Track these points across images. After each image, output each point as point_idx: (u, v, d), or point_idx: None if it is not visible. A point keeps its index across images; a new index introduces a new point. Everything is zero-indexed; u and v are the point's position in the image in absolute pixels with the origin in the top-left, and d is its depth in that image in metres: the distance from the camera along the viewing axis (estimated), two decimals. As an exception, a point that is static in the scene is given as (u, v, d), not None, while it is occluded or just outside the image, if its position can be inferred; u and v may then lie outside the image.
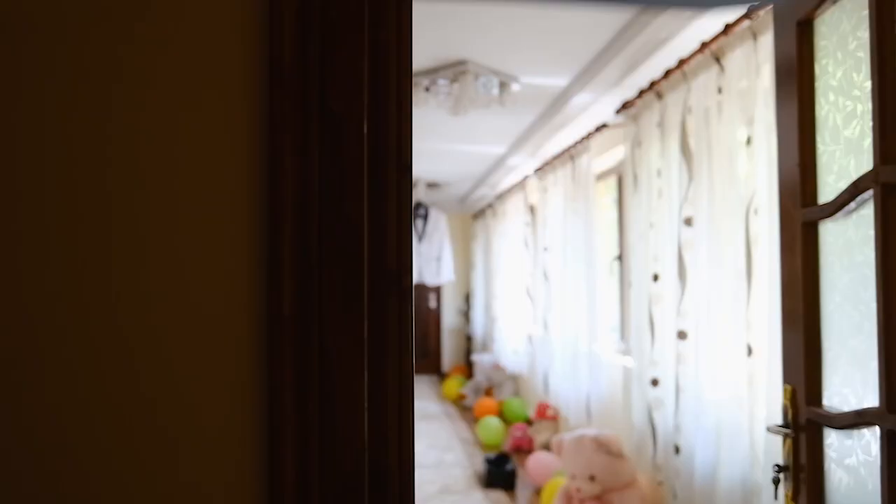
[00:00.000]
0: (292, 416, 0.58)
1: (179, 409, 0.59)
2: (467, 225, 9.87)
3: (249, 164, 0.60)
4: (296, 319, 0.58)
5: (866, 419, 1.30)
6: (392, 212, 0.63)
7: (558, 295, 4.69)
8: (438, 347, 9.88)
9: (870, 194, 1.28)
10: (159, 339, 0.59)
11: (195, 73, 0.60)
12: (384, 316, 0.63)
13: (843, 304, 1.43)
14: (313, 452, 0.58)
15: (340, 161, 0.59)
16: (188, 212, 0.60)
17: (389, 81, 0.63)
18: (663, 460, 2.89)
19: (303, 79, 0.59)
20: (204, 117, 0.59)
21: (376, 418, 0.62)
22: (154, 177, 0.60)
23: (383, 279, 0.63)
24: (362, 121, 0.60)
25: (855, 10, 1.35)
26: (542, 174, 5.20)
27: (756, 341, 2.24)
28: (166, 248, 0.60)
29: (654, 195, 2.95)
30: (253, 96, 0.60)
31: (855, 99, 1.36)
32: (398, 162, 0.64)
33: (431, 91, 3.55)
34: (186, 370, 0.59)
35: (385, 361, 0.63)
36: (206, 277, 0.60)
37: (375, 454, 0.62)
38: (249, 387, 0.59)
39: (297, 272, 0.59)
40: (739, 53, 2.28)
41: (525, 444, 5.53)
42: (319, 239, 0.59)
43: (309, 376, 0.58)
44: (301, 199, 0.59)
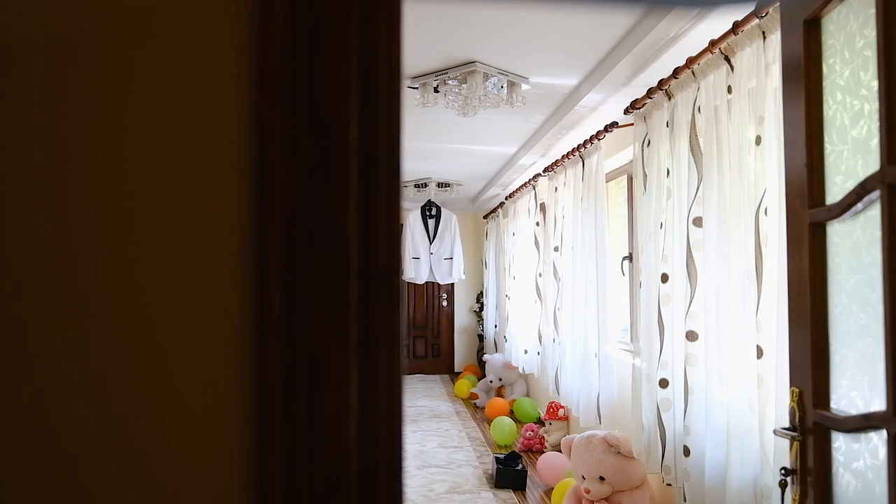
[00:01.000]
0: (280, 416, 0.58)
1: (168, 409, 0.60)
2: (479, 224, 9.87)
3: (238, 168, 0.60)
4: (284, 321, 0.59)
5: (873, 423, 1.29)
6: (382, 214, 0.63)
7: (569, 295, 4.68)
8: (451, 346, 9.89)
9: (876, 195, 1.26)
10: (152, 338, 0.60)
11: (184, 76, 0.60)
12: (373, 317, 0.63)
13: (850, 305, 1.41)
14: (301, 452, 0.58)
15: (328, 165, 0.59)
16: (178, 214, 0.60)
17: (379, 84, 0.63)
18: (672, 462, 2.87)
19: (291, 83, 0.59)
20: (192, 121, 0.60)
21: (365, 419, 0.62)
22: (143, 180, 0.60)
23: (372, 281, 0.63)
24: (349, 125, 0.60)
25: (862, 9, 1.33)
26: (552, 174, 5.18)
27: (766, 343, 2.22)
28: (158, 249, 0.60)
29: (663, 195, 2.94)
30: (242, 100, 0.60)
31: (862, 98, 1.34)
32: (388, 165, 0.64)
33: (441, 92, 3.55)
34: (172, 371, 0.59)
35: (374, 362, 0.63)
36: (196, 279, 0.60)
37: (364, 454, 0.62)
38: (237, 388, 0.59)
39: (286, 275, 0.59)
40: (749, 52, 2.26)
41: (536, 444, 5.52)
42: (307, 242, 0.59)
43: (297, 377, 0.59)
44: (289, 202, 0.59)
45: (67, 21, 0.60)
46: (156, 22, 0.61)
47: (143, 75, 0.60)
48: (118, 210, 0.61)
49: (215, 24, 0.60)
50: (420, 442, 5.91)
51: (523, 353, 6.39)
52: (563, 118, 4.08)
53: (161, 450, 0.59)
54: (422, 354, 9.86)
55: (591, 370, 4.28)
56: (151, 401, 0.59)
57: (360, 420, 0.62)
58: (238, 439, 0.59)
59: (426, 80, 3.50)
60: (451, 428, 6.46)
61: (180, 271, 0.60)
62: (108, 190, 0.61)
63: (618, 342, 4.53)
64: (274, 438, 0.58)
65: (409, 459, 5.36)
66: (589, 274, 4.23)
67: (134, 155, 0.60)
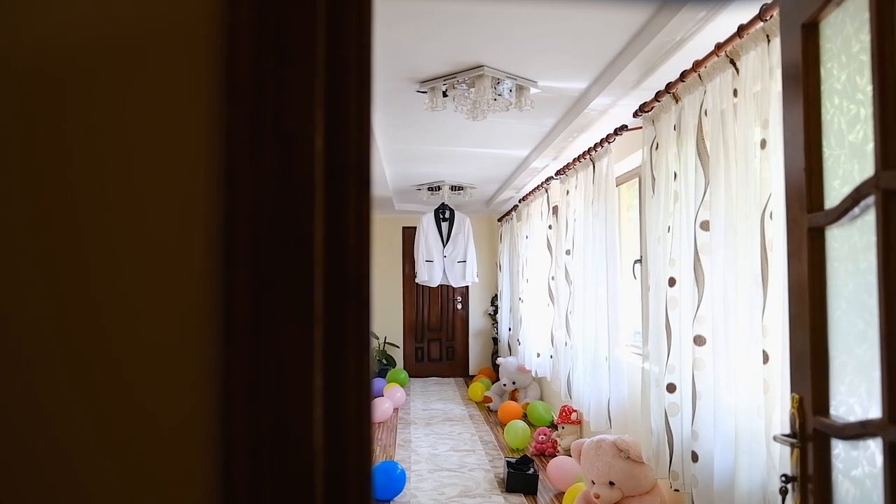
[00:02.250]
0: (245, 422, 0.60)
1: (134, 413, 0.61)
2: (493, 227, 9.87)
3: (207, 182, 0.62)
4: (249, 328, 0.60)
5: (870, 430, 1.28)
6: (351, 223, 0.64)
7: (580, 298, 4.67)
8: (465, 350, 9.89)
9: (872, 200, 1.25)
10: (119, 342, 0.62)
11: (152, 90, 0.62)
12: (342, 324, 0.64)
13: (848, 311, 1.40)
14: (266, 457, 0.60)
15: (293, 176, 0.61)
16: (149, 224, 0.62)
17: (349, 96, 0.64)
18: (680, 467, 2.85)
19: (256, 97, 0.60)
20: (161, 136, 0.62)
21: (334, 424, 0.63)
22: (116, 190, 0.62)
23: (341, 289, 0.64)
24: (314, 137, 0.61)
25: (857, 13, 1.32)
26: (564, 177, 5.17)
27: (771, 348, 2.20)
28: (130, 256, 0.62)
29: (671, 199, 2.92)
30: (210, 114, 0.62)
31: (858, 103, 1.33)
32: (357, 175, 0.65)
33: (450, 96, 3.57)
34: (140, 377, 0.61)
35: (343, 368, 0.64)
36: (164, 289, 0.62)
37: (333, 459, 0.63)
38: (204, 395, 0.61)
39: (251, 283, 0.60)
40: (753, 55, 2.25)
41: (549, 448, 5.50)
42: (272, 251, 0.60)
43: (262, 384, 0.60)
44: (254, 213, 0.60)
45: (43, 39, 0.62)
46: (128, 38, 0.62)
47: (113, 89, 0.62)
48: (94, 223, 0.63)
49: (184, 40, 0.62)
50: (433, 445, 5.92)
51: (536, 356, 6.38)
52: (573, 121, 4.08)
53: (127, 457, 0.61)
54: (436, 357, 9.87)
55: (601, 374, 4.26)
56: (119, 404, 0.61)
57: (328, 425, 0.63)
58: (204, 445, 0.60)
59: (435, 85, 3.51)
60: (464, 431, 6.46)
61: (148, 279, 0.61)
62: (86, 202, 0.63)
63: (631, 346, 4.51)
64: (239, 444, 0.60)
65: (421, 463, 5.37)
66: (599, 277, 4.22)
67: (109, 171, 0.62)
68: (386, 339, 9.63)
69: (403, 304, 9.80)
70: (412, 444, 6.00)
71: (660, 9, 2.54)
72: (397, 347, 9.72)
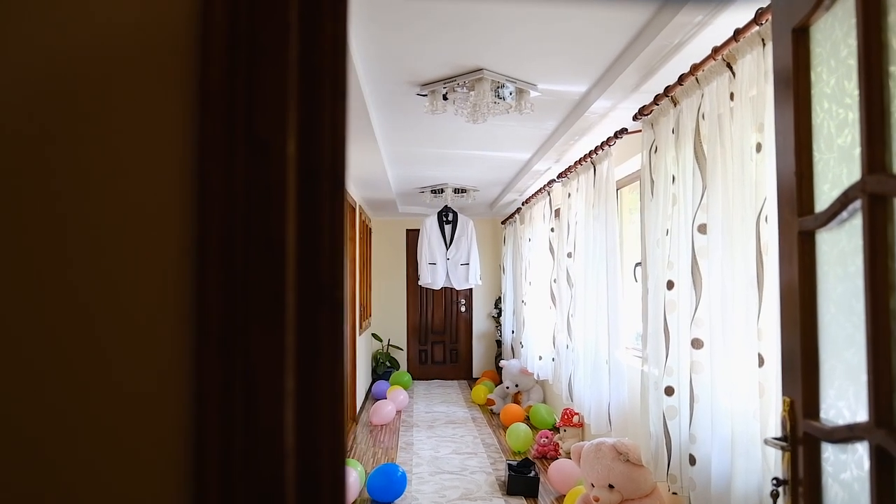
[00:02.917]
0: (216, 423, 0.61)
1: (108, 417, 0.62)
2: (497, 230, 9.88)
3: (182, 187, 0.63)
4: (221, 332, 0.61)
5: (856, 433, 1.28)
6: (325, 228, 0.66)
7: (581, 301, 4.67)
8: (469, 352, 9.89)
9: (859, 204, 1.25)
10: (94, 344, 0.63)
11: (129, 101, 0.63)
12: (315, 328, 0.65)
13: (837, 315, 1.40)
14: (236, 458, 0.61)
15: (265, 181, 0.62)
16: (124, 228, 0.63)
17: (323, 102, 0.66)
18: (678, 470, 2.85)
19: (229, 104, 0.62)
20: (137, 143, 0.63)
21: (306, 426, 0.64)
22: (92, 195, 0.63)
23: (315, 293, 0.65)
24: (286, 143, 0.62)
25: (846, 18, 1.33)
26: (566, 179, 5.18)
27: (767, 351, 2.20)
28: (106, 261, 0.64)
29: (669, 202, 2.93)
30: (184, 123, 0.63)
31: (846, 107, 1.34)
32: (331, 180, 0.66)
33: (450, 99, 3.58)
34: (113, 381, 0.62)
35: (316, 371, 0.65)
36: (137, 293, 0.63)
37: (306, 460, 0.64)
38: (176, 396, 0.62)
39: (223, 288, 0.62)
40: (749, 59, 2.25)
41: (550, 451, 5.50)
42: (244, 256, 0.62)
43: (233, 386, 0.61)
44: (227, 218, 0.61)
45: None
46: (108, 49, 0.64)
47: (93, 99, 0.64)
48: (72, 225, 0.64)
49: (159, 50, 0.63)
50: (434, 448, 5.93)
51: (538, 359, 6.38)
52: (574, 124, 4.08)
53: (103, 458, 0.62)
54: (440, 360, 9.88)
55: (601, 377, 4.26)
56: (92, 405, 0.62)
57: (301, 427, 0.64)
58: (176, 446, 0.62)
59: (435, 88, 3.53)
60: (466, 434, 6.46)
61: (122, 282, 0.63)
62: (65, 207, 0.64)
63: (632, 349, 4.50)
64: (210, 445, 0.61)
65: (423, 465, 5.38)
66: (600, 280, 4.22)
67: (86, 177, 0.63)
68: (390, 342, 9.64)
69: (407, 307, 9.81)
70: (414, 446, 6.01)
71: (658, 12, 2.55)
72: (401, 350, 9.73)
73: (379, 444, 6.12)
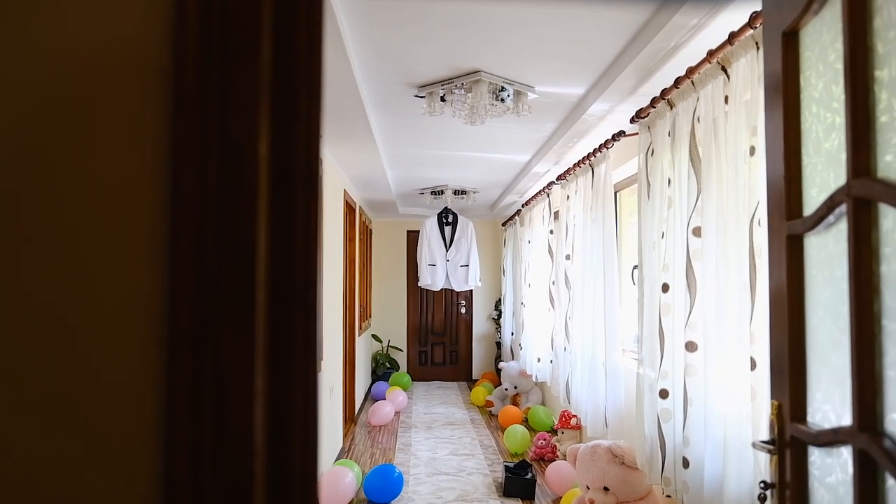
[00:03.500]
0: (186, 422, 0.61)
1: (80, 415, 0.63)
2: (498, 231, 9.88)
3: (156, 189, 0.64)
4: (192, 332, 0.62)
5: (841, 437, 1.28)
6: (299, 230, 0.66)
7: (579, 303, 4.67)
8: (469, 354, 9.89)
9: (844, 208, 1.26)
10: (69, 341, 0.64)
11: (103, 101, 0.64)
12: (288, 329, 0.66)
13: (824, 318, 1.40)
14: (206, 456, 0.61)
15: (237, 182, 0.62)
16: (100, 229, 0.64)
17: (298, 104, 0.66)
18: (672, 473, 2.85)
19: (202, 106, 0.62)
20: (112, 144, 0.64)
21: (278, 426, 0.65)
22: (66, 196, 0.64)
23: (288, 294, 0.66)
24: (258, 143, 0.63)
25: (833, 22, 1.33)
26: (565, 182, 5.18)
27: (759, 354, 2.21)
28: (80, 263, 0.64)
29: (665, 204, 2.93)
30: (159, 123, 0.64)
31: (834, 111, 1.34)
32: (305, 182, 0.67)
33: (447, 101, 3.59)
34: (85, 379, 0.63)
35: (289, 372, 0.66)
36: (113, 288, 0.64)
37: (277, 460, 0.65)
38: (150, 394, 0.63)
39: (195, 288, 0.62)
40: (744, 62, 2.25)
41: (548, 453, 5.50)
42: (216, 257, 0.62)
43: (203, 386, 0.62)
44: (199, 219, 0.62)
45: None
46: (88, 55, 0.65)
47: (73, 103, 0.64)
48: (45, 229, 0.65)
49: (134, 54, 0.64)
50: (432, 449, 5.93)
51: (537, 361, 6.38)
52: (572, 126, 4.09)
53: (77, 454, 0.62)
54: (440, 361, 9.88)
55: (598, 379, 4.26)
56: (66, 401, 0.63)
57: (272, 427, 0.65)
58: (148, 441, 0.62)
59: (433, 89, 3.53)
60: (464, 435, 6.46)
61: (96, 281, 0.63)
62: (35, 209, 0.65)
63: (630, 352, 4.50)
64: (180, 442, 0.61)
65: (420, 466, 5.38)
66: (597, 283, 4.22)
67: (59, 180, 0.64)
68: (389, 343, 9.65)
69: (407, 308, 9.81)
70: (412, 447, 6.01)
71: (654, 14, 2.55)
72: (401, 351, 9.74)
73: (377, 445, 6.13)
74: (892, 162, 1.14)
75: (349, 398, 6.68)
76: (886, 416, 1.16)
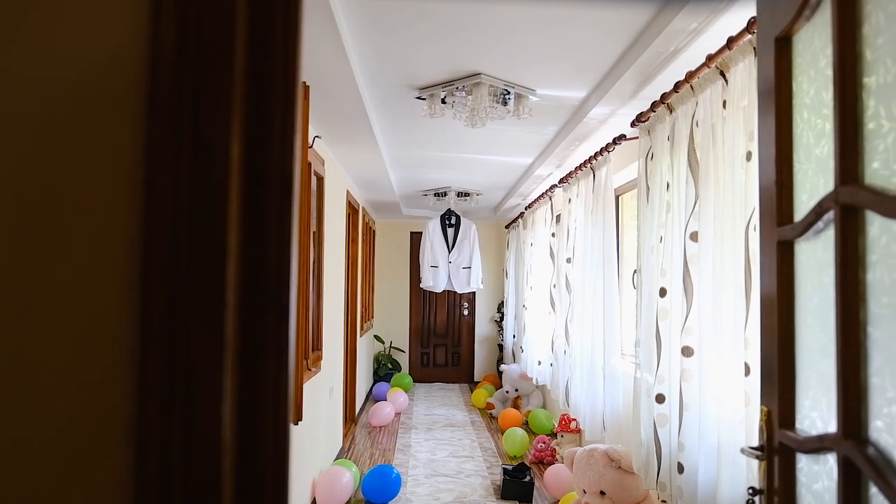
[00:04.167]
0: (157, 418, 0.62)
1: (54, 409, 0.64)
2: (501, 234, 9.88)
3: (130, 190, 0.64)
4: (163, 330, 0.63)
5: (826, 444, 1.28)
6: (273, 231, 0.67)
7: (579, 307, 4.67)
8: (471, 356, 9.89)
9: (832, 215, 1.25)
10: (43, 338, 0.64)
11: (80, 111, 0.65)
12: (260, 328, 0.66)
13: (813, 325, 1.40)
14: (176, 452, 0.62)
15: (209, 184, 0.63)
16: (72, 230, 0.65)
17: (274, 107, 0.67)
18: (668, 478, 2.84)
19: (176, 108, 0.63)
20: (87, 147, 0.64)
21: (248, 424, 0.66)
22: (38, 197, 0.65)
23: (260, 294, 0.66)
24: (230, 146, 0.64)
25: (824, 28, 1.33)
26: (566, 185, 5.18)
27: (753, 360, 2.20)
28: (53, 264, 0.65)
29: (663, 209, 2.93)
30: (134, 127, 0.65)
31: (824, 117, 1.34)
32: (280, 182, 0.67)
33: (448, 103, 3.59)
34: (59, 373, 0.64)
35: (260, 371, 0.66)
36: (87, 287, 0.64)
37: (248, 456, 0.65)
38: (121, 390, 0.63)
39: (167, 287, 0.63)
40: (742, 67, 2.25)
41: (548, 457, 5.49)
42: (187, 256, 0.63)
43: (173, 383, 0.62)
44: (171, 218, 0.63)
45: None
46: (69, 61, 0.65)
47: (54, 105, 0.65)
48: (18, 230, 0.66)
49: (111, 59, 0.65)
50: (432, 451, 5.93)
51: (537, 364, 6.38)
52: (573, 130, 4.09)
53: (47, 449, 0.63)
54: (442, 363, 9.88)
55: (597, 383, 4.26)
56: (39, 396, 0.63)
57: (243, 425, 0.65)
58: (118, 440, 0.63)
59: (433, 92, 3.54)
60: (464, 437, 6.46)
61: (69, 282, 0.64)
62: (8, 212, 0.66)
63: (630, 356, 4.49)
64: (151, 437, 0.62)
65: (419, 468, 5.38)
66: (597, 286, 4.22)
67: (36, 180, 0.65)
68: (392, 344, 9.65)
69: (410, 309, 9.82)
70: (412, 448, 6.01)
71: (654, 18, 2.55)
72: (403, 352, 9.74)
73: (377, 446, 6.13)
74: (878, 169, 1.14)
75: (350, 398, 6.69)
76: (871, 423, 1.16)
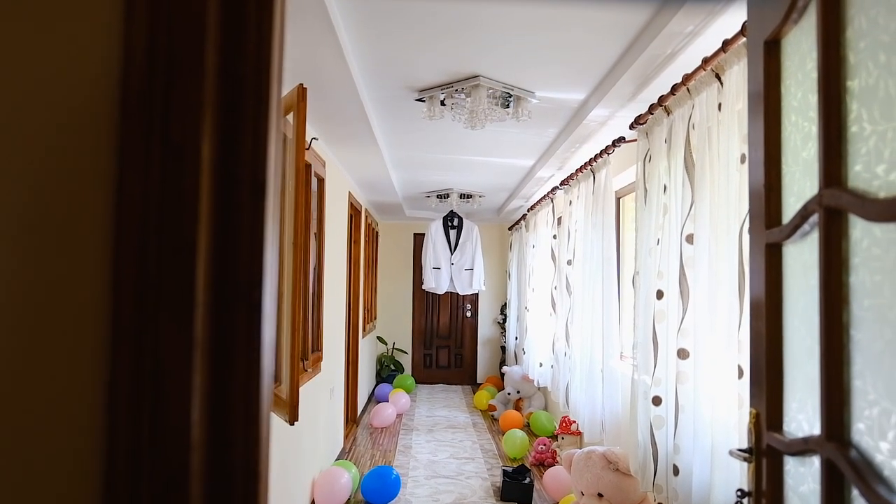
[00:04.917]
0: (126, 415, 0.63)
1: (24, 403, 0.65)
2: (504, 236, 9.88)
3: (102, 192, 0.66)
4: (133, 327, 0.64)
5: (810, 446, 1.28)
6: (245, 231, 0.68)
7: (579, 308, 4.67)
8: (474, 357, 9.89)
9: (817, 218, 1.26)
10: (12, 339, 0.66)
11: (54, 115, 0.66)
12: (231, 326, 0.67)
13: (800, 327, 1.40)
14: (144, 448, 0.63)
15: (179, 184, 0.64)
16: (44, 227, 0.66)
17: (246, 111, 0.68)
18: (664, 481, 2.84)
19: (147, 110, 0.64)
20: (60, 149, 0.66)
21: (219, 421, 0.67)
22: (16, 197, 0.66)
23: (231, 292, 0.67)
24: (200, 147, 0.65)
25: (811, 32, 1.33)
26: (567, 187, 5.19)
27: (746, 363, 2.20)
28: (23, 261, 0.66)
29: (661, 211, 2.93)
30: (109, 129, 0.66)
31: (810, 120, 1.34)
32: (252, 182, 0.69)
33: (447, 105, 3.60)
34: (31, 369, 0.65)
35: (231, 368, 0.67)
36: (56, 288, 0.66)
37: (218, 454, 0.66)
38: (92, 387, 0.65)
39: (136, 285, 0.64)
40: (737, 70, 2.26)
41: (548, 459, 5.49)
42: (157, 255, 0.64)
43: (142, 379, 0.64)
44: (142, 218, 0.64)
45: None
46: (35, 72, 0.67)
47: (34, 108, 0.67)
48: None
49: (85, 59, 0.66)
50: (432, 452, 5.94)
51: (539, 366, 6.37)
52: (573, 132, 4.09)
53: (15, 444, 0.65)
54: (444, 364, 9.89)
55: (596, 385, 4.26)
56: (8, 394, 0.65)
57: (213, 422, 0.67)
58: (87, 436, 0.64)
59: (433, 94, 3.55)
60: (465, 439, 6.47)
61: (40, 279, 0.65)
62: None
63: (629, 358, 4.49)
64: (120, 435, 0.63)
65: (419, 469, 5.39)
66: (596, 288, 4.22)
67: (11, 181, 0.66)
68: (394, 345, 9.67)
69: (413, 311, 9.83)
70: (412, 449, 6.02)
71: (651, 20, 2.56)
72: (405, 353, 9.75)
73: (378, 447, 6.14)
74: (860, 172, 1.14)
75: (351, 400, 6.70)
76: (853, 426, 1.16)
